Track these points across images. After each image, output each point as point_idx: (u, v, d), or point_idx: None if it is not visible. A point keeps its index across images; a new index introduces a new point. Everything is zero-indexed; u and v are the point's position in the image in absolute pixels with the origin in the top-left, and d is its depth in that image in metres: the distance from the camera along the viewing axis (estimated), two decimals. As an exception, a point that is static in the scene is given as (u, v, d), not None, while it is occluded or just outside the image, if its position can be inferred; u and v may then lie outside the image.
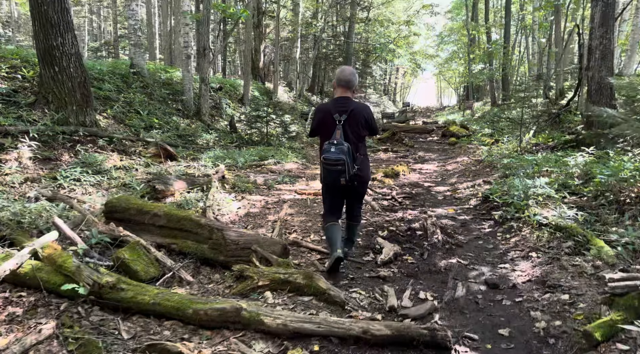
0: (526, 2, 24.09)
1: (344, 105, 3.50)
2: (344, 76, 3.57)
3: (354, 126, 3.48)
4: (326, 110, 3.58)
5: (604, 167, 5.44)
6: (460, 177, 8.71)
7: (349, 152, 3.37)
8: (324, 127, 3.54)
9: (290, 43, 22.89)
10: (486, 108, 26.37)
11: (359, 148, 3.55)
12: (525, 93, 9.39)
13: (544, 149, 9.34)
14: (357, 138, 3.52)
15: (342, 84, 3.57)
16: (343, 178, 3.38)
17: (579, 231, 4.09)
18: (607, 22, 7.26)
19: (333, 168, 3.36)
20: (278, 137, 12.05)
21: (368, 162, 3.77)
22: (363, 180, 3.66)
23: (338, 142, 3.36)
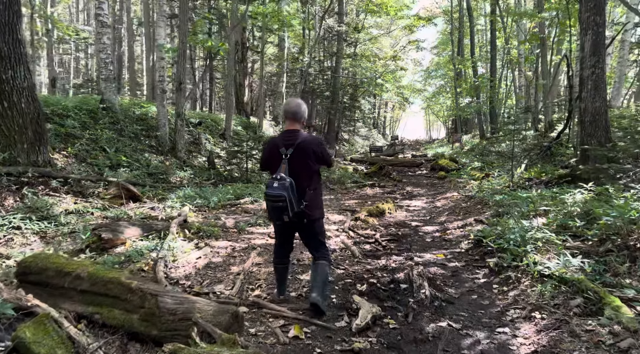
0: (511, 37, 24.35)
1: (291, 138, 3.36)
2: (290, 108, 3.45)
3: (302, 160, 3.32)
4: (274, 143, 3.45)
5: (608, 207, 4.90)
6: (450, 215, 8.13)
7: (292, 187, 3.19)
8: (271, 161, 3.42)
9: (276, 78, 22.73)
10: (475, 141, 26.20)
11: (309, 183, 3.38)
12: (515, 126, 8.97)
13: (537, 184, 8.84)
14: (306, 173, 3.35)
15: (288, 116, 3.46)
16: (286, 215, 3.20)
17: (588, 285, 3.48)
18: (599, 50, 6.92)
19: (275, 205, 3.19)
20: (260, 173, 11.48)
21: (320, 198, 3.58)
22: (312, 218, 3.44)
23: (281, 177, 3.20)
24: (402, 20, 32.66)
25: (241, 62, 18.21)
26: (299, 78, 23.87)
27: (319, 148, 3.41)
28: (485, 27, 35.16)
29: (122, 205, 6.72)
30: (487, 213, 7.51)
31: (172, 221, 5.33)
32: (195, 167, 10.78)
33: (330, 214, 7.86)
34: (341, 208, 8.52)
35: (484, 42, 34.49)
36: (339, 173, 13.05)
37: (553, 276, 3.84)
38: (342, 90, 29.48)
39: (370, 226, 6.93)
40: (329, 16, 26.92)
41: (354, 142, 36.96)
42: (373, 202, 9.44)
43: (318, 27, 22.28)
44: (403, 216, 8.09)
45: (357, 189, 11.60)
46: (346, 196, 10.58)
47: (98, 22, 9.85)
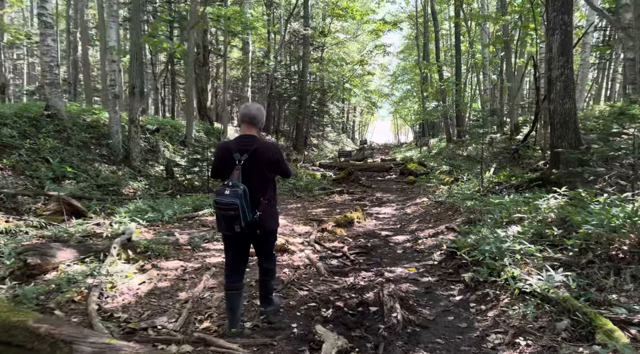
0: (475, 41, 24.64)
1: (247, 143, 3.14)
2: (249, 112, 3.23)
3: (257, 167, 3.12)
4: (226, 148, 3.19)
5: (586, 214, 4.64)
6: (421, 223, 7.80)
7: (245, 195, 2.97)
8: (223, 167, 3.18)
9: (242, 82, 22.13)
10: (442, 145, 26.34)
11: (263, 191, 3.17)
12: (483, 129, 8.77)
13: (507, 188, 8.65)
14: (261, 181, 3.15)
15: (246, 120, 3.24)
16: (237, 225, 2.97)
17: (575, 305, 3.14)
18: (567, 50, 6.76)
19: (226, 214, 2.95)
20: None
21: (275, 209, 3.36)
22: (266, 230, 3.23)
23: (233, 184, 2.97)
24: (368, 24, 32.72)
25: (203, 65, 17.53)
26: (265, 82, 23.34)
27: (276, 156, 3.21)
28: (449, 31, 35.62)
29: (64, 221, 6.04)
30: (458, 220, 7.22)
31: (114, 241, 4.73)
32: (151, 176, 10.09)
33: (296, 225, 7.40)
34: (308, 218, 8.06)
35: (449, 47, 34.96)
36: (306, 180, 12.61)
37: (535, 294, 3.50)
38: (309, 94, 29.11)
39: (338, 237, 6.50)
40: (295, 20, 26.56)
41: (323, 147, 36.64)
42: (342, 210, 9.03)
43: (283, 30, 21.84)
44: (373, 225, 7.70)
45: (325, 196, 11.18)
46: (314, 204, 10.13)
47: (41, 23, 9.05)
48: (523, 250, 4.24)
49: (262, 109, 3.34)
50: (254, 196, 3.06)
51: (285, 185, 11.84)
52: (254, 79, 25.77)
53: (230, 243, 3.29)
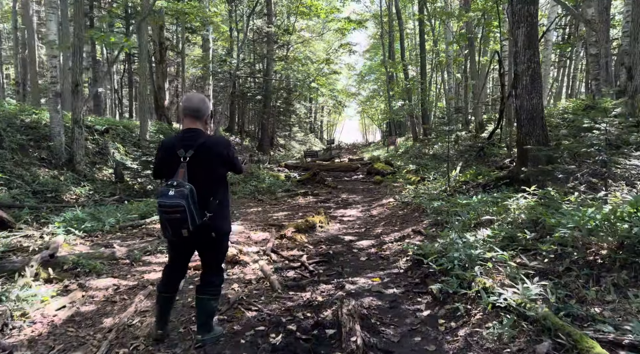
0: (440, 40, 24.69)
1: (192, 138, 2.81)
2: (192, 104, 2.89)
3: (205, 164, 2.81)
4: (169, 145, 2.88)
5: (560, 215, 4.33)
6: (386, 225, 7.41)
7: (192, 195, 2.65)
8: (167, 166, 2.85)
9: (203, 81, 21.29)
10: (409, 144, 26.28)
11: (213, 191, 2.86)
12: (449, 127, 8.48)
13: (474, 188, 8.39)
14: (209, 180, 2.84)
15: (188, 113, 2.89)
16: (185, 229, 2.66)
17: (556, 323, 2.76)
18: (534, 43, 6.51)
19: (171, 217, 2.64)
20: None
21: (227, 209, 3.04)
22: (218, 232, 2.91)
23: (178, 184, 2.65)
24: (333, 23, 32.39)
25: (160, 63, 16.66)
26: (228, 81, 22.58)
27: (225, 150, 2.88)
28: (414, 30, 35.77)
29: (-17, 234, 5.29)
30: (425, 222, 6.87)
31: (32, 258, 4.07)
32: (98, 181, 9.30)
33: (253, 231, 6.85)
34: (267, 223, 7.53)
35: (414, 46, 35.07)
36: (269, 181, 12.05)
37: (510, 309, 3.11)
38: (275, 93, 28.49)
39: (297, 244, 5.99)
40: (258, 17, 25.88)
41: (291, 147, 36.10)
42: (305, 213, 8.55)
43: (245, 27, 21.15)
44: (336, 230, 7.24)
45: (288, 199, 10.66)
46: (276, 207, 9.60)
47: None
48: (495, 258, 3.87)
49: (207, 101, 3.00)
50: (203, 196, 2.77)
51: (246, 188, 11.26)
52: (217, 78, 24.94)
53: (175, 249, 3.05)
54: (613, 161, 4.95)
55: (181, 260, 3.09)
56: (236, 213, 8.72)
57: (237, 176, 12.34)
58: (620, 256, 3.40)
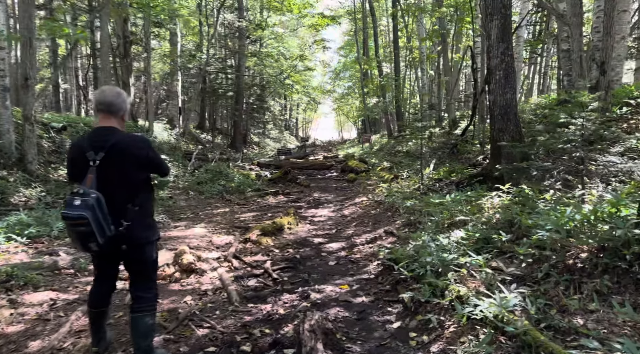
0: (413, 37, 24.60)
1: (103, 138, 2.46)
2: (104, 98, 2.55)
3: (119, 167, 2.48)
4: (77, 146, 2.56)
5: (536, 216, 4.10)
6: (358, 226, 7.11)
7: (99, 205, 2.34)
8: (77, 170, 2.50)
9: (171, 77, 20.57)
10: (384, 141, 26.16)
11: (131, 197, 2.53)
12: (423, 123, 8.24)
13: (447, 185, 8.19)
14: (126, 184, 2.53)
15: (101, 108, 2.54)
16: (93, 243, 2.34)
17: (538, 339, 2.48)
18: (507, 37, 6.30)
19: (76, 230, 2.33)
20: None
21: (150, 217, 2.73)
22: (136, 243, 2.57)
23: (84, 192, 2.35)
24: (306, 18, 32.01)
25: (124, 57, 15.90)
26: (197, 77, 21.91)
27: (144, 150, 2.54)
28: (388, 27, 35.71)
29: None
30: (398, 222, 6.60)
31: (-48, 273, 3.57)
32: (52, 181, 8.69)
33: (216, 235, 6.44)
34: (233, 225, 7.12)
35: (388, 43, 34.98)
36: (238, 180, 11.59)
37: (487, 321, 2.83)
38: (248, 90, 27.89)
39: (263, 249, 5.61)
40: (229, 11, 25.24)
41: (265, 145, 35.52)
42: (274, 214, 8.18)
43: (215, 21, 20.54)
44: (306, 231, 6.89)
45: (258, 198, 10.25)
46: (244, 207, 9.18)
47: None
48: (469, 263, 3.59)
49: (124, 94, 2.64)
50: (118, 204, 2.46)
51: (214, 187, 10.78)
52: (186, 74, 24.20)
53: (96, 261, 2.75)
54: (589, 157, 4.76)
55: (106, 273, 2.76)
56: (201, 214, 8.27)
57: (205, 175, 11.85)
58: (601, 260, 3.17)
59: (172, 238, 5.99)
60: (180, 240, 5.88)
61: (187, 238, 6.04)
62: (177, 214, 8.20)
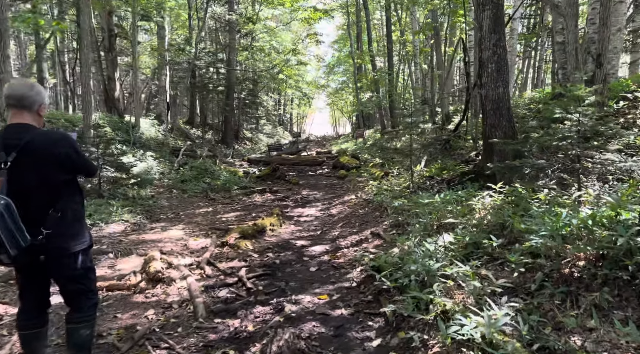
0: (406, 31, 24.23)
1: (15, 136, 2.21)
2: (14, 91, 2.29)
3: (35, 168, 2.22)
4: None
5: (530, 220, 3.80)
6: (345, 226, 6.79)
7: (9, 212, 2.03)
8: None
9: (159, 70, 20.11)
10: (377, 136, 25.85)
11: (52, 202, 2.28)
12: (412, 119, 7.92)
13: (439, 183, 7.88)
14: (45, 187, 2.27)
15: (12, 103, 2.29)
16: (4, 255, 2.07)
17: (530, 366, 2.18)
18: (500, 28, 5.98)
19: None
20: (124, 184, 9.18)
21: (77, 222, 2.41)
22: (59, 254, 2.31)
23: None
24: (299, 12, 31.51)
25: (109, 51, 15.46)
26: (186, 71, 21.45)
27: (63, 149, 2.29)
28: (381, 21, 35.32)
29: None
30: (385, 223, 6.29)
31: None
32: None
33: (193, 237, 6.10)
34: (213, 227, 6.78)
35: (381, 37, 34.60)
36: (224, 178, 11.24)
37: (474, 343, 2.52)
38: (239, 85, 27.45)
39: (241, 253, 5.29)
40: (219, 4, 24.75)
41: (258, 140, 35.11)
42: (259, 213, 7.85)
43: (204, 13, 20.08)
44: (289, 233, 6.57)
45: (244, 197, 9.90)
46: (228, 207, 8.84)
47: None
48: (456, 273, 3.29)
49: (38, 87, 2.37)
50: (36, 210, 2.23)
51: (198, 186, 10.43)
52: (175, 68, 23.72)
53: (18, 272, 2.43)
54: (585, 155, 4.47)
55: (31, 288, 2.44)
56: (182, 214, 7.93)
57: (190, 173, 11.48)
58: (601, 271, 2.87)
59: (145, 242, 5.65)
60: (154, 244, 5.54)
61: (162, 242, 5.71)
62: (157, 214, 7.85)
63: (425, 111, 13.87)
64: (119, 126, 14.99)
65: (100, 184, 8.71)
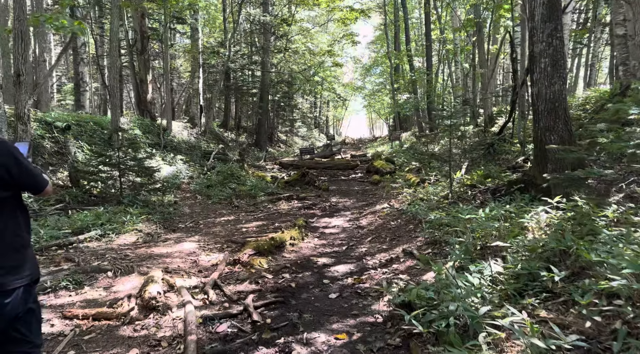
0: (446, 29, 23.11)
1: None
2: None
3: None
4: None
5: (602, 247, 3.01)
6: (374, 241, 6.09)
7: None
8: None
9: (192, 73, 20.03)
10: (414, 139, 24.88)
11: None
12: (452, 120, 7.12)
13: (482, 193, 7.03)
14: None
15: None
16: None
17: None
18: (556, 15, 5.12)
19: None
20: (140, 191, 8.82)
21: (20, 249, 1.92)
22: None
23: None
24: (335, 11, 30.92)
25: (141, 53, 15.41)
26: (219, 73, 21.28)
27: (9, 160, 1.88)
28: (420, 19, 34.22)
29: None
30: (420, 239, 5.55)
31: None
32: (47, 186, 8.09)
33: (207, 251, 5.58)
34: (230, 239, 6.23)
35: (420, 36, 33.48)
36: (250, 183, 10.75)
37: None
38: (273, 87, 27.14)
39: (253, 274, 4.69)
40: (254, 6, 24.55)
41: (293, 143, 34.77)
42: (282, 223, 7.28)
43: (238, 14, 19.84)
44: (311, 248, 5.93)
45: (269, 204, 9.36)
46: (251, 215, 8.31)
47: None
48: (508, 324, 2.54)
49: None
50: None
51: (223, 191, 9.99)
52: (212, 71, 23.67)
53: None
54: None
55: None
56: (201, 223, 7.46)
57: (216, 178, 11.07)
58: None
59: (152, 257, 5.17)
60: (161, 260, 5.05)
61: (170, 257, 5.21)
62: (175, 223, 7.42)
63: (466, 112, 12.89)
64: (150, 129, 14.88)
65: (121, 189, 8.39)
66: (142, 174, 8.65)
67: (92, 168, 8.44)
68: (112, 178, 8.67)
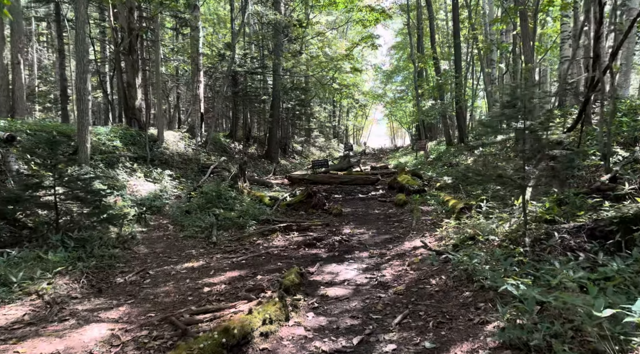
0: (477, 27, 20.52)
1: None
2: None
3: None
4: None
5: None
6: (407, 327, 3.63)
7: None
8: None
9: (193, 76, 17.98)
10: (441, 149, 22.28)
11: None
12: (527, 122, 4.66)
13: (571, 234, 4.50)
14: None
15: None
16: None
17: None
18: None
19: None
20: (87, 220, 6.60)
21: None
22: None
23: None
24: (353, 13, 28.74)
25: (129, 54, 13.39)
26: (224, 78, 19.20)
27: None
28: (446, 21, 31.75)
29: None
30: (489, 329, 3.09)
31: None
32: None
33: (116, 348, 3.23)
34: (174, 314, 3.86)
35: (446, 37, 30.99)
36: (241, 207, 8.39)
37: None
38: (286, 93, 24.97)
39: None
40: (265, 6, 22.51)
41: (309, 154, 32.45)
42: (266, 276, 4.91)
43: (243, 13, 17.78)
44: (298, 346, 3.50)
45: (259, 239, 7.00)
46: (230, 258, 5.95)
47: None
48: None
49: None
50: None
51: (201, 220, 7.66)
52: (217, 76, 21.65)
53: None
54: None
55: None
56: (150, 275, 5.13)
57: (198, 201, 8.76)
58: None
59: None
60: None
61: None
62: (114, 274, 5.12)
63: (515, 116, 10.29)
64: (135, 140, 12.76)
65: (57, 222, 6.16)
66: (85, 201, 6.40)
67: (20, 192, 6.24)
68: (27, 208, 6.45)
